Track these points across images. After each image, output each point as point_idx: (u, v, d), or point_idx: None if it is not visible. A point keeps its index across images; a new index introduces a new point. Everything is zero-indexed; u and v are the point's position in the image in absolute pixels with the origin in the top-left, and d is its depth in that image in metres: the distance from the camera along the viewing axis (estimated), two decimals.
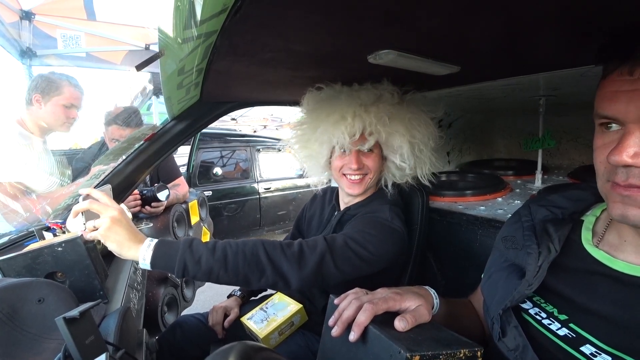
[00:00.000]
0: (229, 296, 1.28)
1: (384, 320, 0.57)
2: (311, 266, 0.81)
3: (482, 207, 1.22)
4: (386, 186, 1.10)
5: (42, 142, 1.46)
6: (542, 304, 0.57)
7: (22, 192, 1.32)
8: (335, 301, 0.64)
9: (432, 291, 0.68)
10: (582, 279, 0.54)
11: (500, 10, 0.51)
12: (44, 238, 0.96)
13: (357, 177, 1.04)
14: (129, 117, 1.74)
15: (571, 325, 0.51)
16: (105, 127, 1.75)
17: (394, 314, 0.60)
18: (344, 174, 1.05)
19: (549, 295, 0.56)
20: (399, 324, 0.54)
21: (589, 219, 0.59)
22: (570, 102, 1.41)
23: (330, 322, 0.60)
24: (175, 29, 0.59)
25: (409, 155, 1.05)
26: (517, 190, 1.43)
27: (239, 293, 1.27)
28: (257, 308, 1.13)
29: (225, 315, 1.18)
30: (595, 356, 0.46)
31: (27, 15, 2.51)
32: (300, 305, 1.09)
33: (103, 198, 0.82)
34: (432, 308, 0.65)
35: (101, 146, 1.82)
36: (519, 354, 0.53)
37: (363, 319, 0.55)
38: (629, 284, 0.48)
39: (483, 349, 0.50)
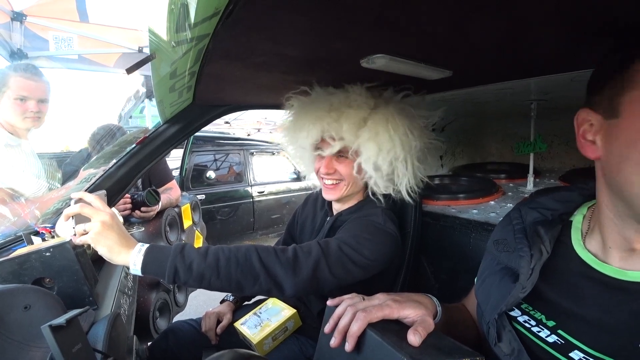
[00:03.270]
0: (222, 301, 1.27)
1: (386, 326, 0.56)
2: (306, 272, 0.80)
3: (474, 211, 1.23)
4: (374, 194, 1.05)
5: (26, 143, 1.43)
6: (530, 312, 0.57)
7: (9, 196, 1.29)
8: (329, 302, 0.63)
9: (435, 299, 0.67)
10: (571, 282, 0.54)
11: (493, 15, 0.52)
12: (32, 243, 0.94)
13: (330, 182, 1.04)
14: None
15: (559, 331, 0.51)
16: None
17: (395, 321, 0.59)
18: (322, 177, 1.05)
19: (537, 301, 0.56)
20: (414, 339, 0.51)
21: (577, 219, 0.60)
22: (561, 106, 1.42)
23: (326, 329, 0.59)
24: (167, 32, 0.59)
25: (379, 167, 0.98)
26: (510, 193, 1.44)
27: (231, 298, 1.26)
28: (251, 313, 1.12)
29: (219, 321, 1.17)
30: None
31: (18, 17, 2.48)
32: (294, 310, 1.09)
33: (95, 202, 0.80)
34: (435, 317, 0.64)
35: (92, 149, 1.80)
36: (514, 359, 0.53)
37: (356, 328, 0.54)
38: (615, 288, 0.48)
39: (484, 357, 0.50)
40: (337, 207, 1.12)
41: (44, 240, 0.95)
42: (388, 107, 1.00)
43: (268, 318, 1.08)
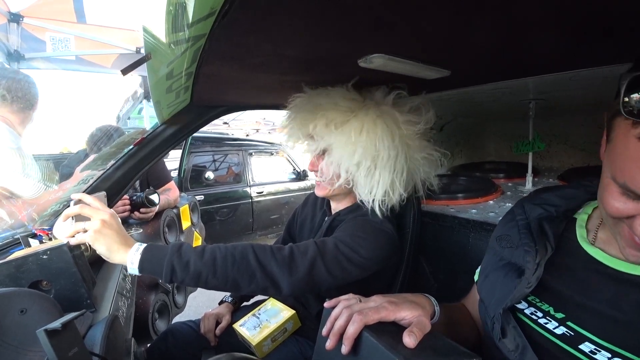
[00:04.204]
0: (220, 303, 1.26)
1: (382, 327, 0.56)
2: (302, 271, 0.80)
3: (473, 210, 1.22)
4: (362, 201, 1.00)
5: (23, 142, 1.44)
6: (537, 303, 0.56)
7: (5, 197, 1.29)
8: (326, 304, 0.63)
9: (433, 299, 0.66)
10: (578, 276, 0.54)
11: (491, 14, 0.52)
12: (29, 245, 0.93)
13: (317, 178, 1.05)
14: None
15: (568, 323, 0.51)
16: None
17: (391, 322, 0.59)
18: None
19: (545, 294, 0.56)
20: (409, 340, 0.51)
21: (581, 217, 0.60)
22: (559, 105, 1.43)
23: (324, 332, 0.58)
24: (164, 32, 0.58)
25: (348, 171, 0.95)
26: (508, 192, 1.44)
27: (230, 299, 1.26)
28: (250, 314, 1.11)
29: (218, 323, 1.16)
30: (595, 353, 0.46)
31: (15, 18, 2.48)
32: (294, 312, 1.08)
33: (95, 203, 0.81)
34: (433, 317, 0.63)
35: (89, 151, 1.79)
36: (518, 355, 0.53)
37: (352, 331, 0.54)
38: (624, 282, 0.48)
39: (481, 358, 0.49)
40: (334, 207, 1.12)
41: (41, 242, 0.94)
42: (368, 112, 0.95)
43: (267, 319, 1.07)
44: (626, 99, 0.40)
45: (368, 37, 0.60)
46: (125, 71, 0.68)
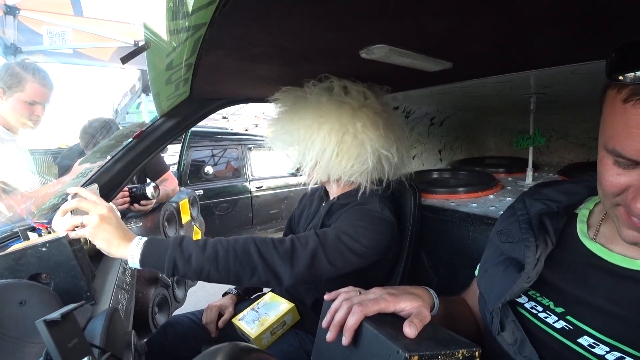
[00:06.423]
0: (225, 294, 1.27)
1: (382, 319, 0.56)
2: (304, 262, 0.81)
3: (474, 205, 1.22)
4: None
5: (19, 138, 1.42)
6: (537, 298, 0.57)
7: (3, 191, 1.28)
8: (326, 297, 0.63)
9: (432, 292, 0.67)
10: (578, 271, 0.54)
11: (495, 6, 0.51)
12: (28, 238, 0.93)
13: None
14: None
15: (568, 317, 0.51)
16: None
17: (391, 314, 0.59)
18: None
19: (545, 288, 0.56)
20: (409, 330, 0.51)
21: (582, 212, 0.60)
22: (560, 100, 1.42)
23: (324, 324, 0.59)
24: (164, 20, 0.57)
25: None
26: (508, 187, 1.44)
27: (234, 291, 1.26)
28: (249, 308, 1.11)
29: (220, 314, 1.17)
30: (594, 347, 0.46)
31: (11, 11, 2.45)
32: (292, 305, 1.08)
33: (91, 197, 0.80)
34: (432, 309, 0.63)
35: (85, 143, 1.77)
36: (517, 348, 0.53)
37: (352, 322, 0.54)
38: (624, 277, 0.48)
39: (481, 349, 0.49)
40: (333, 192, 1.13)
41: (40, 235, 0.94)
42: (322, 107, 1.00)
43: (266, 313, 1.07)
44: (611, 65, 0.41)
45: (370, 27, 0.60)
46: (124, 59, 0.67)
